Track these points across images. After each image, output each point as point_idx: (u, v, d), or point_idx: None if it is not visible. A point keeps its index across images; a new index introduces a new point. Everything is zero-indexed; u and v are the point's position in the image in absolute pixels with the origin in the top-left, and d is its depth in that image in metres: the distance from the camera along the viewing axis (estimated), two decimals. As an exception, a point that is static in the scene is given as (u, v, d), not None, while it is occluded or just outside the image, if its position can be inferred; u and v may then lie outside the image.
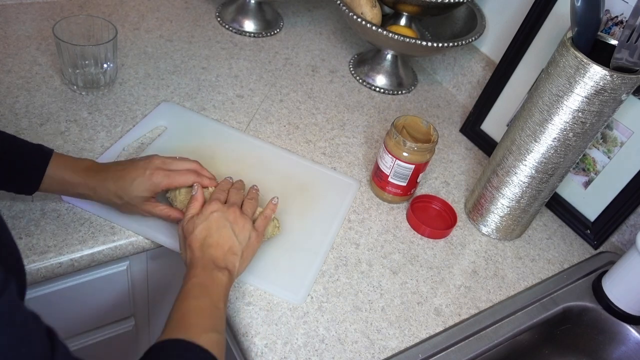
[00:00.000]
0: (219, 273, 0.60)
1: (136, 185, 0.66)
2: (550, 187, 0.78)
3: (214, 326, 0.55)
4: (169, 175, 0.67)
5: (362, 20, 0.95)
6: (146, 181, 0.66)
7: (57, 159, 0.65)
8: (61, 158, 0.66)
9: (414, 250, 0.80)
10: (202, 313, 0.55)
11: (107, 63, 0.87)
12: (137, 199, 0.66)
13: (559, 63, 0.68)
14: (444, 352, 0.68)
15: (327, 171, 0.87)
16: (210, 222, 0.63)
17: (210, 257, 0.61)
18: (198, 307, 0.56)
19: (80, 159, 0.67)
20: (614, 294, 0.77)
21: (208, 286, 0.58)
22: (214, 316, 0.56)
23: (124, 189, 0.66)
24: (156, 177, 0.66)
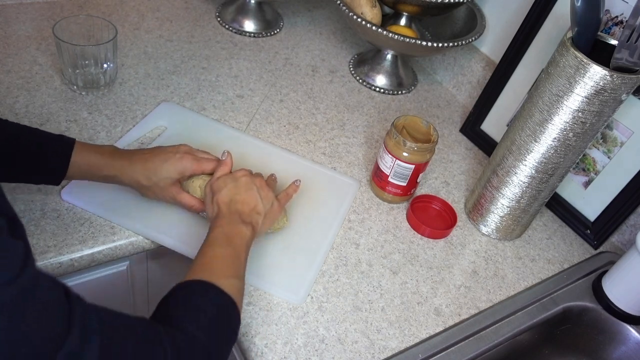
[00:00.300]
0: (243, 227, 0.63)
1: (167, 166, 0.68)
2: (550, 187, 0.78)
3: (235, 273, 0.59)
4: (198, 160, 0.70)
5: (362, 20, 0.95)
6: (176, 162, 0.68)
7: (80, 146, 0.67)
8: (84, 145, 0.67)
9: (414, 250, 0.80)
10: (225, 260, 0.59)
11: (107, 63, 0.87)
12: (165, 180, 0.68)
13: (559, 63, 0.68)
14: (444, 352, 0.68)
15: (327, 171, 0.87)
16: (239, 183, 0.67)
17: (237, 211, 0.64)
18: (222, 254, 0.59)
19: (104, 145, 0.70)
20: (614, 294, 0.77)
21: (232, 237, 0.61)
22: (236, 264, 0.59)
23: (154, 170, 0.68)
24: (186, 160, 0.69)
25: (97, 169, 0.67)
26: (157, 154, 0.69)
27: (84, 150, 0.66)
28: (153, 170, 0.68)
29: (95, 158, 0.66)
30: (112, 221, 0.71)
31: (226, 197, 0.66)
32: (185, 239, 0.71)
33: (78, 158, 0.66)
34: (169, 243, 0.71)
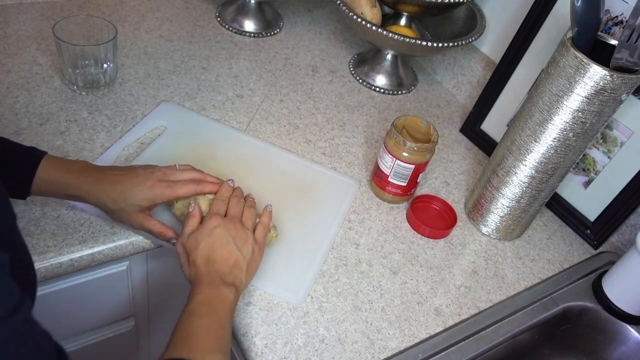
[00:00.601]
0: (226, 289, 0.58)
1: (136, 192, 0.63)
2: (550, 187, 0.78)
3: (219, 347, 0.54)
4: (171, 186, 0.66)
5: (362, 20, 0.95)
6: (147, 191, 0.64)
7: (48, 161, 0.63)
8: (53, 160, 0.63)
9: (414, 250, 0.80)
10: (207, 333, 0.54)
11: (107, 63, 0.87)
12: (133, 207, 0.64)
13: (559, 63, 0.68)
14: (444, 352, 0.68)
15: (327, 171, 0.87)
16: (213, 238, 0.62)
17: (217, 272, 0.60)
18: (203, 326, 0.54)
19: (75, 161, 0.66)
20: (614, 294, 0.77)
21: (214, 304, 0.57)
22: (219, 336, 0.55)
23: (122, 194, 0.63)
24: (158, 189, 0.65)
25: (63, 188, 0.63)
26: (130, 176, 0.64)
27: (52, 166, 0.62)
28: (121, 194, 0.63)
29: (60, 176, 0.62)
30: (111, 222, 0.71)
31: (202, 258, 0.61)
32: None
33: (43, 174, 0.62)
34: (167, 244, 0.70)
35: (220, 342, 0.54)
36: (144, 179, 0.65)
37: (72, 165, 0.64)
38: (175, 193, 0.66)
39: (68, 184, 0.63)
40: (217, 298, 0.57)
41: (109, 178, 0.64)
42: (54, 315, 0.75)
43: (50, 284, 0.71)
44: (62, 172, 0.63)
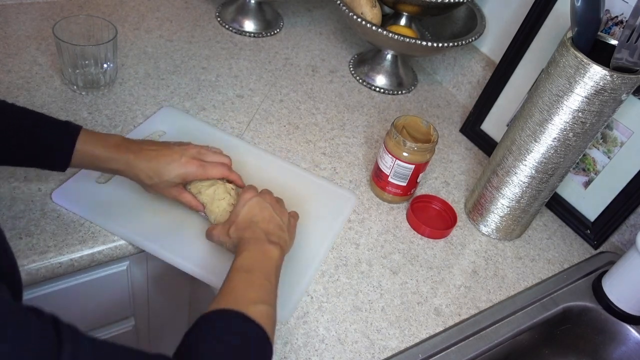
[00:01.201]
0: (271, 246, 0.60)
1: (170, 169, 0.66)
2: (550, 187, 0.78)
3: (264, 298, 0.54)
4: (203, 166, 0.68)
5: (362, 20, 0.95)
6: (180, 168, 0.67)
7: (85, 134, 0.65)
8: (90, 134, 0.66)
9: (414, 250, 0.80)
10: (252, 285, 0.55)
11: (107, 63, 0.87)
12: (167, 183, 0.67)
13: (559, 63, 0.68)
14: (444, 352, 0.68)
15: (324, 183, 0.84)
16: (251, 205, 0.65)
17: (262, 231, 0.62)
18: (248, 279, 0.55)
19: (110, 135, 0.68)
20: (614, 294, 0.77)
21: (260, 259, 0.58)
22: (264, 289, 0.55)
23: (156, 171, 0.66)
24: (191, 166, 0.67)
25: (102, 162, 0.66)
26: (164, 153, 0.67)
27: (89, 142, 0.65)
28: (155, 170, 0.66)
29: (100, 151, 0.65)
30: (100, 225, 0.70)
31: (244, 222, 0.63)
32: (172, 247, 0.70)
33: (82, 148, 0.64)
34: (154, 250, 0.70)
35: (265, 294, 0.55)
36: (179, 155, 0.68)
37: (109, 140, 0.67)
38: (206, 173, 0.69)
39: (105, 157, 0.65)
40: (263, 255, 0.59)
41: (145, 154, 0.66)
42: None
43: (50, 284, 0.71)
44: (100, 146, 0.65)
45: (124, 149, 0.66)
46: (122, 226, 0.70)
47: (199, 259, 0.69)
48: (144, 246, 0.70)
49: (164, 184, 0.67)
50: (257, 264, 0.57)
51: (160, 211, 0.73)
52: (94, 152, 0.65)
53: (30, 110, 0.65)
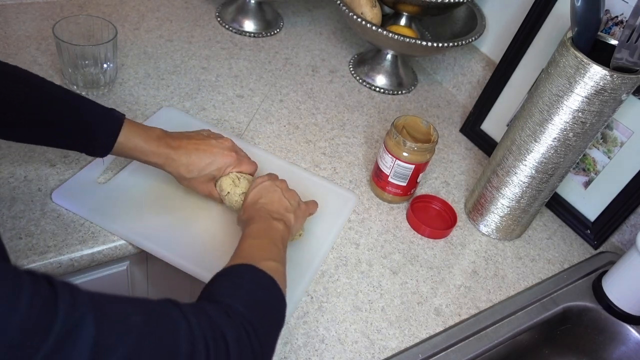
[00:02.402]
0: (276, 222, 0.62)
1: (210, 163, 0.69)
2: (550, 187, 0.78)
3: (274, 257, 0.57)
4: (239, 160, 0.72)
5: (362, 20, 0.95)
6: (219, 160, 0.70)
7: (128, 126, 0.66)
8: (133, 125, 0.67)
9: (414, 250, 0.80)
10: (262, 247, 0.58)
11: (107, 63, 0.87)
12: (206, 176, 0.70)
13: (559, 63, 0.68)
14: (444, 352, 0.68)
15: (325, 183, 0.84)
16: (261, 188, 0.68)
17: (266, 210, 0.64)
18: (258, 244, 0.58)
19: (151, 128, 0.69)
20: (614, 294, 0.77)
21: (266, 230, 0.61)
22: (273, 250, 0.58)
23: (197, 165, 0.68)
24: (228, 158, 0.70)
25: (142, 155, 0.67)
26: (204, 148, 0.69)
27: (131, 133, 0.66)
28: (195, 164, 0.68)
29: (142, 144, 0.66)
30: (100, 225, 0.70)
31: (251, 202, 0.66)
32: (172, 247, 0.70)
33: (124, 139, 0.66)
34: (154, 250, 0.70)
35: (275, 254, 0.58)
36: (218, 149, 0.70)
37: (150, 134, 0.68)
38: (241, 167, 0.72)
39: (146, 151, 0.67)
40: (269, 227, 0.62)
41: (186, 148, 0.69)
42: (54, 315, 0.75)
43: (50, 284, 0.71)
44: (142, 139, 0.67)
45: (164, 144, 0.68)
46: (122, 226, 0.70)
47: (199, 259, 0.69)
48: (144, 246, 0.70)
49: (202, 177, 0.70)
50: (264, 233, 0.60)
51: (160, 211, 0.73)
52: (135, 144, 0.66)
53: (73, 93, 0.66)
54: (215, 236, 0.72)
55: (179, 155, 0.68)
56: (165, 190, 0.76)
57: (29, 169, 0.74)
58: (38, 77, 0.66)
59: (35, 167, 0.75)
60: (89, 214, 0.71)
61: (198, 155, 0.69)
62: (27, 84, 0.64)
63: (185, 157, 0.68)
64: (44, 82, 0.66)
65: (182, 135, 0.71)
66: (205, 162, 0.69)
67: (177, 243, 0.71)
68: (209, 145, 0.70)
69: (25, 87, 0.63)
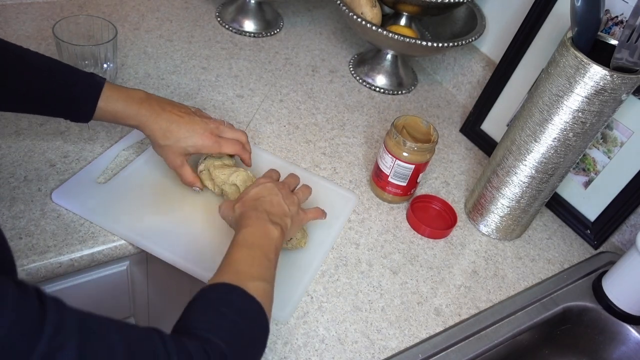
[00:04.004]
0: (272, 226, 0.60)
1: (188, 137, 0.68)
2: (550, 187, 0.78)
3: (262, 275, 0.55)
4: (219, 142, 0.70)
5: (362, 20, 0.95)
6: (198, 138, 0.69)
7: (108, 90, 0.66)
8: (113, 90, 0.67)
9: (414, 250, 0.80)
10: (252, 262, 0.56)
11: (107, 63, 0.87)
12: (179, 149, 0.69)
13: (559, 63, 0.68)
14: (444, 352, 0.68)
15: (326, 184, 0.84)
16: (263, 188, 0.66)
17: (265, 210, 0.62)
18: (248, 255, 0.56)
19: (133, 90, 0.69)
20: (614, 294, 0.77)
21: (260, 237, 0.59)
22: (263, 266, 0.56)
23: (175, 134, 0.68)
24: (208, 140, 0.70)
25: (122, 118, 0.67)
26: (186, 120, 0.69)
27: (113, 96, 0.66)
28: (174, 134, 0.68)
29: (122, 107, 0.66)
30: (100, 225, 0.70)
31: (250, 200, 0.64)
32: (172, 247, 0.70)
33: (104, 104, 0.66)
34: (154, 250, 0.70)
35: (264, 271, 0.56)
36: (200, 127, 0.69)
37: (132, 95, 0.68)
38: (221, 149, 0.71)
39: (127, 114, 0.67)
40: (263, 233, 0.59)
41: (167, 116, 0.68)
42: (54, 315, 0.75)
43: (50, 284, 0.71)
44: (122, 102, 0.67)
45: (146, 106, 0.67)
46: (122, 226, 0.70)
47: (199, 259, 0.69)
48: (143, 246, 0.70)
49: (177, 148, 0.69)
50: (258, 241, 0.58)
51: (160, 211, 0.73)
52: (116, 108, 0.66)
53: (54, 60, 0.66)
54: (215, 236, 0.72)
55: (159, 120, 0.67)
56: (165, 190, 0.76)
57: (29, 169, 0.74)
58: (18, 46, 0.66)
59: (35, 167, 0.75)
60: (89, 214, 0.71)
61: (179, 125, 0.68)
62: (7, 52, 0.64)
63: (166, 122, 0.68)
64: (25, 51, 0.66)
65: (166, 102, 0.70)
66: (184, 135, 0.68)
67: (177, 243, 0.71)
68: (191, 120, 0.69)
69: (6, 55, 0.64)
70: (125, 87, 0.69)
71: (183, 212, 0.74)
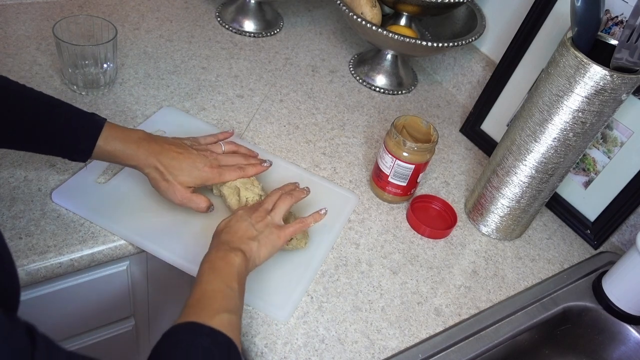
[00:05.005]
0: (231, 253, 0.60)
1: (187, 173, 0.69)
2: (550, 187, 0.78)
3: (226, 307, 0.55)
4: (220, 172, 0.71)
5: (362, 20, 0.95)
6: (198, 173, 0.70)
7: (109, 130, 0.66)
8: (113, 129, 0.67)
9: (414, 250, 0.80)
10: (215, 296, 0.56)
11: (107, 63, 0.87)
12: (182, 184, 0.69)
13: (559, 63, 0.68)
14: (444, 352, 0.68)
15: (326, 184, 0.84)
16: (231, 217, 0.66)
17: (225, 241, 0.62)
18: (210, 290, 0.56)
19: (133, 130, 0.69)
20: (614, 294, 0.77)
21: (220, 268, 0.58)
22: (226, 297, 0.56)
23: (174, 171, 0.68)
24: (209, 173, 0.70)
25: (121, 158, 0.67)
26: (185, 156, 0.69)
27: (112, 136, 0.66)
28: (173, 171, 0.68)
29: (120, 148, 0.66)
30: (100, 225, 0.70)
31: (217, 232, 0.65)
32: (172, 247, 0.70)
33: (103, 143, 0.66)
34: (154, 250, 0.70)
35: (227, 302, 0.56)
36: (200, 161, 0.70)
37: (132, 135, 0.68)
38: (223, 179, 0.72)
39: (126, 154, 0.67)
40: (222, 262, 0.59)
41: (167, 153, 0.69)
42: (54, 315, 0.75)
43: (50, 284, 0.71)
44: (121, 142, 0.67)
45: (144, 145, 0.68)
46: (122, 226, 0.70)
47: (198, 259, 0.69)
48: (144, 246, 0.70)
49: (181, 182, 0.69)
50: (219, 271, 0.58)
51: (160, 211, 0.73)
52: (115, 147, 0.66)
53: (55, 99, 0.66)
54: (215, 236, 0.72)
55: (161, 158, 0.68)
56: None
57: (29, 169, 0.74)
58: (17, 83, 0.66)
59: (35, 167, 0.75)
60: (88, 214, 0.71)
61: (179, 161, 0.69)
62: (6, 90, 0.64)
63: (167, 159, 0.68)
64: (23, 88, 0.65)
65: (163, 140, 0.70)
66: (185, 169, 0.69)
67: (177, 243, 0.71)
68: (190, 155, 0.70)
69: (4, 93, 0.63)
70: (124, 128, 0.68)
71: (183, 212, 0.74)
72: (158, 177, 0.68)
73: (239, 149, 0.78)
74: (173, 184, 0.69)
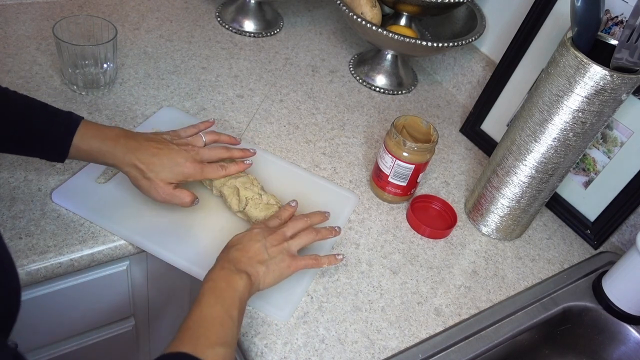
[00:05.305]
0: (236, 276, 0.58)
1: (168, 169, 0.67)
2: (550, 187, 0.78)
3: (223, 340, 0.53)
4: (202, 169, 0.69)
5: (362, 20, 0.95)
6: (179, 168, 0.67)
7: (85, 128, 0.65)
8: (90, 127, 0.66)
9: (414, 250, 0.80)
10: (213, 323, 0.53)
11: (107, 63, 0.87)
12: (163, 181, 0.67)
13: (559, 63, 0.68)
14: (444, 352, 0.68)
15: (326, 184, 0.84)
16: (246, 234, 0.64)
17: (232, 257, 0.60)
18: (209, 316, 0.54)
19: (109, 127, 0.68)
20: (614, 294, 0.77)
21: (222, 290, 0.56)
22: (225, 327, 0.54)
23: (155, 168, 0.66)
24: (191, 169, 0.68)
25: (99, 157, 0.66)
26: (165, 152, 0.67)
27: (88, 134, 0.65)
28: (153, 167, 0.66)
29: (97, 145, 0.65)
30: (100, 225, 0.70)
31: (228, 245, 0.63)
32: (172, 247, 0.70)
33: (80, 142, 0.64)
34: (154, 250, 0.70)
35: (225, 333, 0.53)
36: (181, 157, 0.68)
37: (108, 133, 0.66)
38: (205, 176, 0.70)
39: (103, 152, 0.65)
40: (226, 284, 0.57)
41: (145, 150, 0.66)
42: (54, 315, 0.75)
43: (50, 284, 0.71)
44: (98, 140, 0.65)
45: (121, 143, 0.66)
46: (122, 226, 0.70)
47: (198, 259, 0.69)
48: (144, 246, 0.70)
49: (160, 181, 0.67)
50: (219, 297, 0.56)
51: (160, 211, 0.73)
52: (91, 145, 0.65)
53: (32, 99, 0.65)
54: (215, 236, 0.72)
55: (139, 154, 0.65)
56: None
57: (29, 169, 0.74)
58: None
59: (35, 167, 0.75)
60: (89, 214, 0.71)
61: (159, 157, 0.66)
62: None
63: (146, 156, 0.66)
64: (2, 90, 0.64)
65: (142, 136, 0.68)
66: (165, 165, 0.66)
67: (177, 243, 0.71)
68: (170, 150, 0.67)
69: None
70: (101, 125, 0.67)
71: (183, 212, 0.74)
72: (138, 175, 0.66)
73: (220, 137, 0.75)
74: (154, 182, 0.66)
